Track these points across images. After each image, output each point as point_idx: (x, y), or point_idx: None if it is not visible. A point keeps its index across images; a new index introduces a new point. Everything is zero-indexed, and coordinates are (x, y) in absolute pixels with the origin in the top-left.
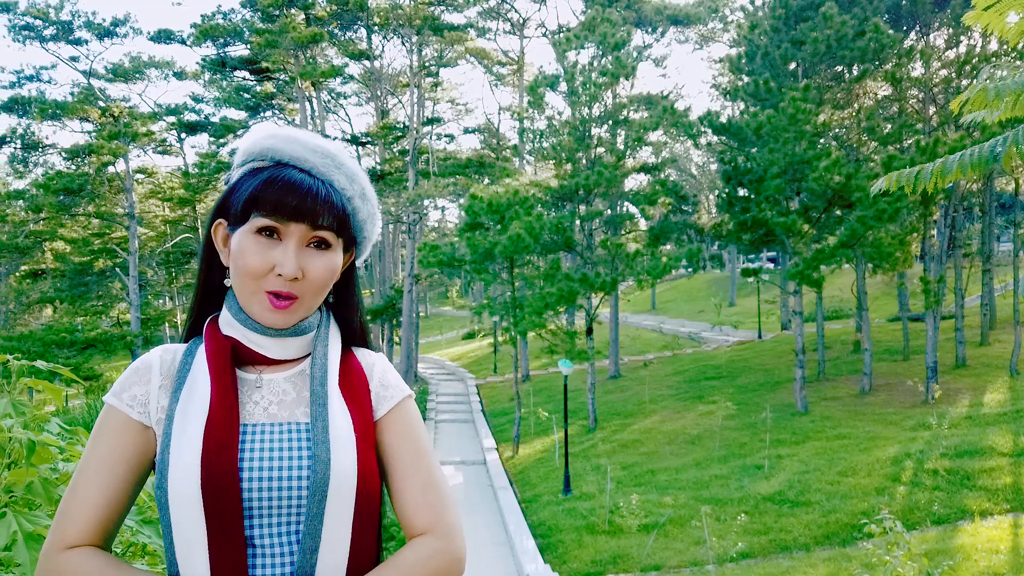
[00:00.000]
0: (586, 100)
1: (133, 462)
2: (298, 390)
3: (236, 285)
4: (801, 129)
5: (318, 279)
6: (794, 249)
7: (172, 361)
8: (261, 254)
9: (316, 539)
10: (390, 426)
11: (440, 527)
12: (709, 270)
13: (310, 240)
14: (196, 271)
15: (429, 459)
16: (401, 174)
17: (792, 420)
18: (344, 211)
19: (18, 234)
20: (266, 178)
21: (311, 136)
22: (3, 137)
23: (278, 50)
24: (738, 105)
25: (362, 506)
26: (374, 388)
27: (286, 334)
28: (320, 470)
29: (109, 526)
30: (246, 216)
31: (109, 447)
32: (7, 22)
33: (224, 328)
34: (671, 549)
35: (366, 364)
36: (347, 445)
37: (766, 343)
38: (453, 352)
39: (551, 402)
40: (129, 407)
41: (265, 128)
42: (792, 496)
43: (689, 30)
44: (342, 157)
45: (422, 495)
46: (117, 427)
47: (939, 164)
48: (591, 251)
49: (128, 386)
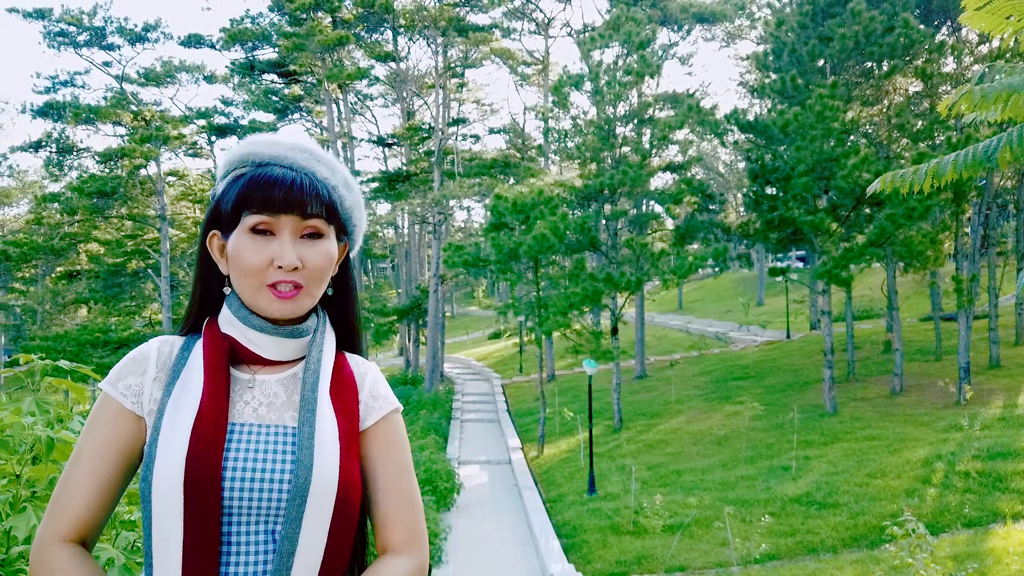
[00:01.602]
0: (611, 99)
1: (125, 451)
2: (289, 393)
3: (238, 286)
4: (829, 126)
5: (318, 267)
6: (822, 248)
7: (169, 354)
8: (258, 251)
9: (293, 543)
10: (375, 438)
11: (414, 545)
12: (736, 269)
13: (303, 231)
14: (192, 283)
15: (409, 475)
16: (427, 175)
17: (821, 421)
18: (331, 199)
19: (54, 236)
20: (250, 177)
21: (288, 136)
22: (39, 141)
23: (305, 53)
24: (765, 103)
25: (340, 513)
26: (363, 398)
27: (284, 334)
28: (302, 475)
29: (101, 515)
30: (237, 218)
31: (103, 436)
32: (42, 28)
33: (223, 326)
34: (696, 550)
35: (358, 373)
36: (331, 452)
37: (794, 343)
38: (479, 352)
39: (576, 402)
40: (123, 396)
41: (245, 140)
42: (820, 498)
43: (715, 28)
44: (320, 151)
45: (400, 510)
46: (111, 416)
47: (933, 164)
48: (616, 251)
49: (124, 375)
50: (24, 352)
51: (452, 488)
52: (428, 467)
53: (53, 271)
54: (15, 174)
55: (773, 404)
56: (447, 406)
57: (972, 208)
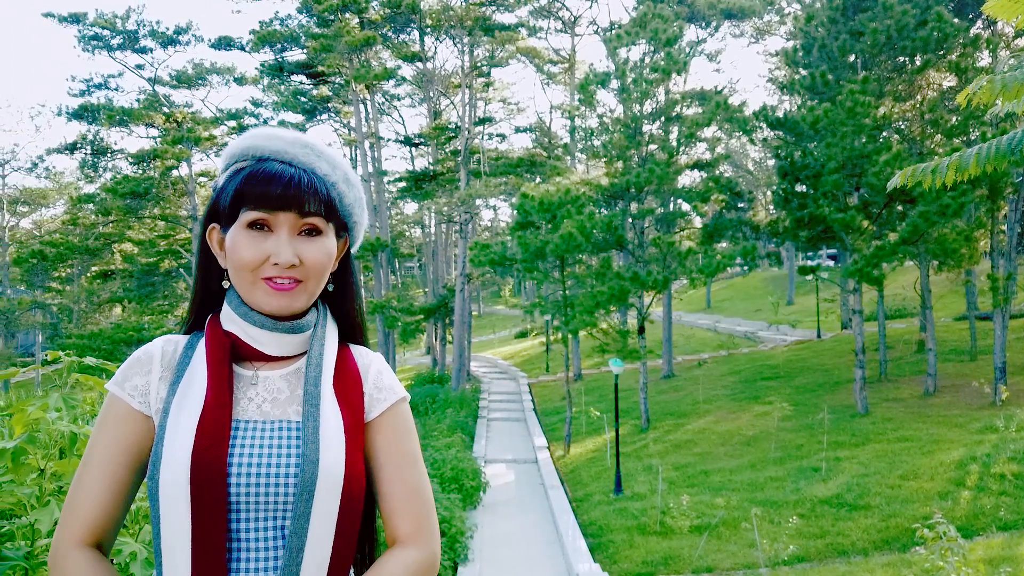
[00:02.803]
0: (638, 97)
1: (134, 451)
2: (292, 388)
3: (235, 281)
4: (860, 122)
5: (316, 264)
6: (853, 246)
7: (173, 352)
8: (254, 246)
9: (303, 538)
10: (381, 429)
11: (422, 536)
12: (766, 268)
13: (301, 228)
14: (194, 276)
15: (416, 466)
16: (453, 174)
17: (852, 422)
18: (329, 196)
19: (89, 236)
20: (248, 173)
21: (289, 131)
22: (74, 143)
23: (333, 54)
24: (794, 99)
25: (347, 506)
26: (368, 390)
27: (283, 330)
28: (308, 469)
29: (115, 516)
30: (235, 213)
31: (112, 437)
32: (77, 32)
33: (225, 323)
34: (724, 551)
35: (362, 365)
36: (336, 446)
37: (825, 342)
38: (506, 351)
39: (603, 401)
40: (131, 396)
41: (246, 133)
42: (850, 499)
43: (744, 24)
44: (321, 146)
45: (407, 502)
46: (119, 417)
47: (955, 158)
48: (643, 249)
49: (130, 375)
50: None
51: (478, 486)
52: (454, 465)
53: (88, 271)
54: (51, 176)
55: (803, 404)
56: (473, 405)
57: (1008, 205)
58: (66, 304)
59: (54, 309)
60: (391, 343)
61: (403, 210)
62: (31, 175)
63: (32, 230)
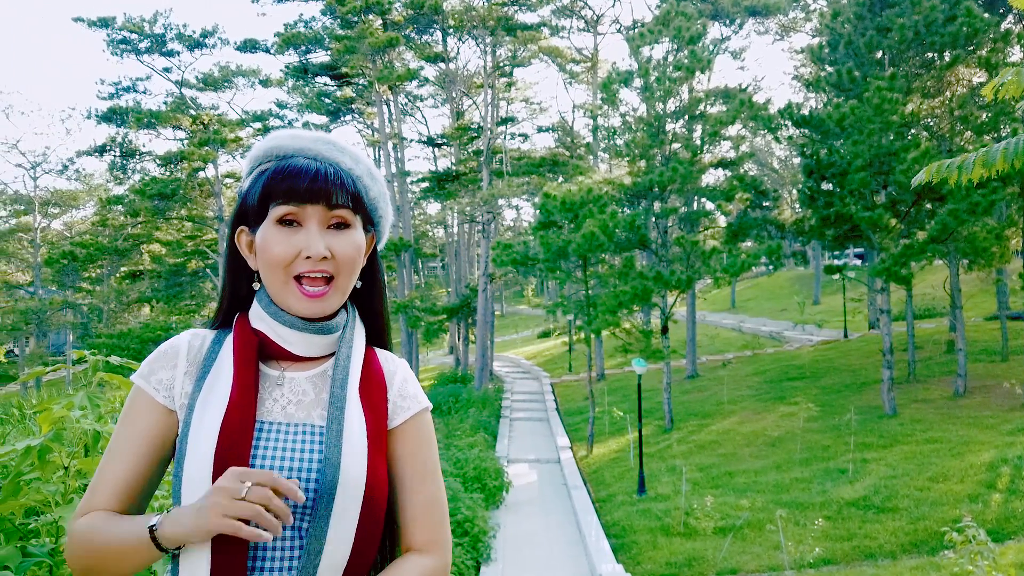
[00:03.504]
0: (661, 95)
1: (157, 444)
2: (317, 391)
3: (267, 280)
4: (887, 120)
5: (347, 256)
6: (881, 245)
7: (200, 347)
8: (285, 242)
9: (321, 541)
10: (403, 437)
11: (436, 545)
12: (791, 267)
13: (330, 221)
14: (222, 279)
15: (435, 477)
16: (475, 174)
17: (879, 423)
18: (356, 189)
19: (118, 237)
20: (274, 170)
21: (310, 131)
22: (103, 146)
23: (356, 55)
24: (820, 96)
25: (367, 512)
26: (392, 397)
27: (313, 331)
28: (330, 473)
29: (133, 499)
30: (264, 211)
31: (136, 428)
32: (106, 37)
33: (254, 322)
34: (748, 553)
35: (388, 371)
36: (359, 451)
37: (852, 342)
38: (528, 351)
39: (626, 401)
40: (156, 390)
41: (268, 136)
42: (878, 502)
43: (769, 20)
44: (343, 142)
45: (424, 512)
46: (144, 409)
47: (983, 153)
48: (666, 249)
49: (156, 369)
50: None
51: (501, 486)
52: (477, 465)
53: (117, 271)
54: (82, 178)
55: (829, 405)
56: (496, 404)
57: None
58: (96, 304)
59: (84, 309)
60: (414, 343)
61: (426, 210)
62: (62, 177)
63: (63, 231)
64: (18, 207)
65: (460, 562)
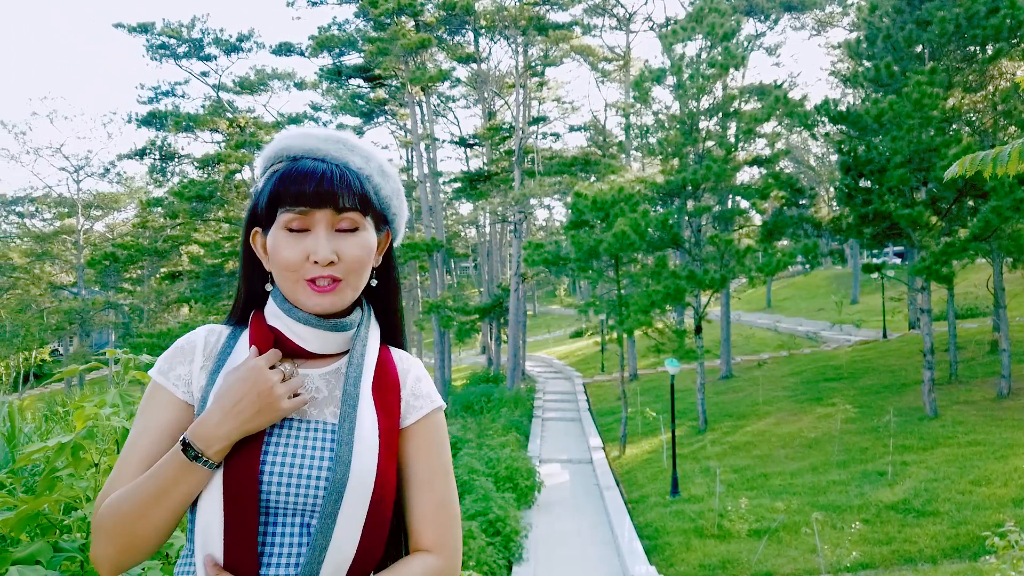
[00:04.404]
0: (694, 93)
1: (176, 436)
2: (331, 388)
3: (279, 282)
4: (927, 115)
5: (355, 259)
6: (921, 243)
7: (216, 343)
8: (294, 246)
9: (327, 538)
10: (414, 437)
11: (444, 547)
12: (828, 266)
13: (338, 224)
14: (238, 279)
15: (445, 478)
16: (507, 174)
17: (920, 425)
18: (363, 189)
19: (158, 239)
20: (282, 173)
21: (322, 128)
22: (144, 149)
23: (389, 57)
24: (858, 92)
25: (375, 511)
26: (405, 396)
27: (327, 328)
28: (340, 471)
29: None
30: (273, 215)
31: (155, 422)
32: (145, 42)
33: (269, 319)
34: (783, 556)
35: (402, 370)
36: (370, 449)
37: (891, 343)
38: (560, 350)
39: (659, 402)
40: (175, 386)
41: (280, 134)
42: (918, 505)
43: (805, 16)
44: (354, 140)
45: (433, 512)
46: (163, 404)
47: (1019, 144)
48: (699, 248)
49: (174, 364)
50: (131, 348)
51: (533, 486)
52: (509, 464)
53: (157, 272)
54: (123, 180)
55: (868, 406)
56: (528, 404)
57: None
58: (137, 304)
59: (126, 309)
60: (446, 342)
61: (458, 210)
62: (104, 180)
63: (105, 233)
64: (62, 210)
65: (492, 561)
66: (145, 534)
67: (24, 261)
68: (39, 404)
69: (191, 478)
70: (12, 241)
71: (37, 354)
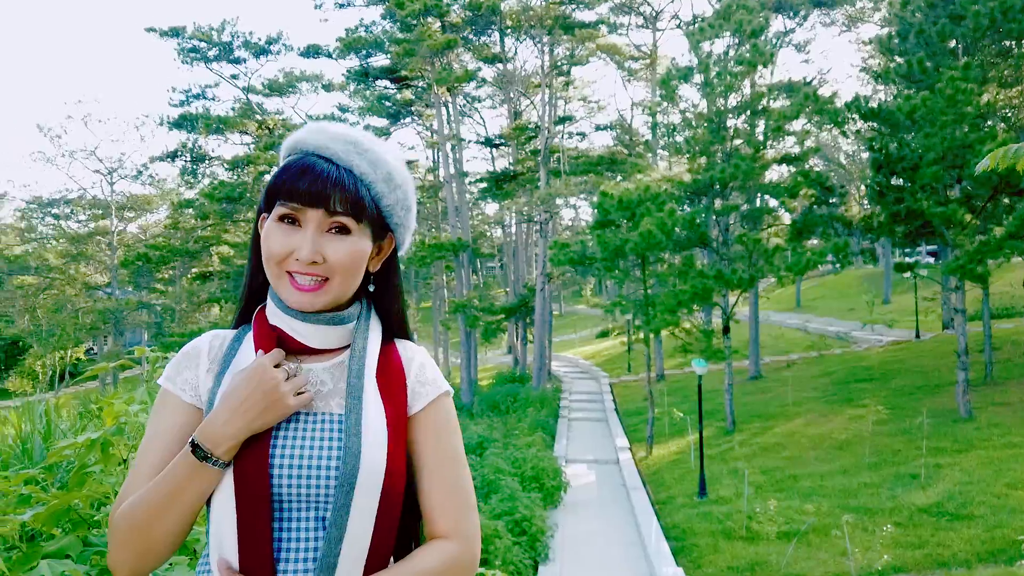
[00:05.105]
0: (722, 91)
1: (186, 440)
2: (335, 381)
3: (266, 271)
4: (961, 111)
5: (339, 263)
6: (955, 241)
7: (220, 346)
8: (282, 240)
9: (341, 530)
10: (423, 424)
11: (460, 533)
12: (860, 265)
13: (330, 226)
14: (247, 267)
15: (457, 461)
16: (533, 174)
17: (953, 427)
18: (358, 195)
19: (189, 239)
20: (284, 167)
21: (338, 126)
22: (175, 151)
23: (415, 58)
24: (889, 89)
25: (386, 501)
26: (410, 383)
27: (324, 322)
28: (350, 462)
29: None
30: (271, 205)
31: (165, 428)
32: (176, 46)
33: (270, 317)
34: (813, 559)
35: (405, 358)
36: (378, 439)
37: (925, 343)
38: (587, 350)
39: (686, 402)
40: (182, 391)
41: (303, 127)
42: (952, 508)
43: (835, 11)
44: (367, 143)
45: (446, 498)
46: (172, 410)
47: None
48: (727, 247)
49: (180, 370)
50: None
51: (559, 486)
52: (535, 464)
53: (188, 272)
54: (155, 182)
55: (900, 408)
56: (554, 404)
57: None
58: (169, 304)
59: (158, 309)
60: (472, 342)
61: (484, 210)
62: (136, 182)
63: (138, 234)
64: (96, 211)
65: (518, 561)
66: (160, 538)
67: (60, 262)
68: (75, 402)
69: (202, 479)
70: (48, 242)
71: (73, 353)
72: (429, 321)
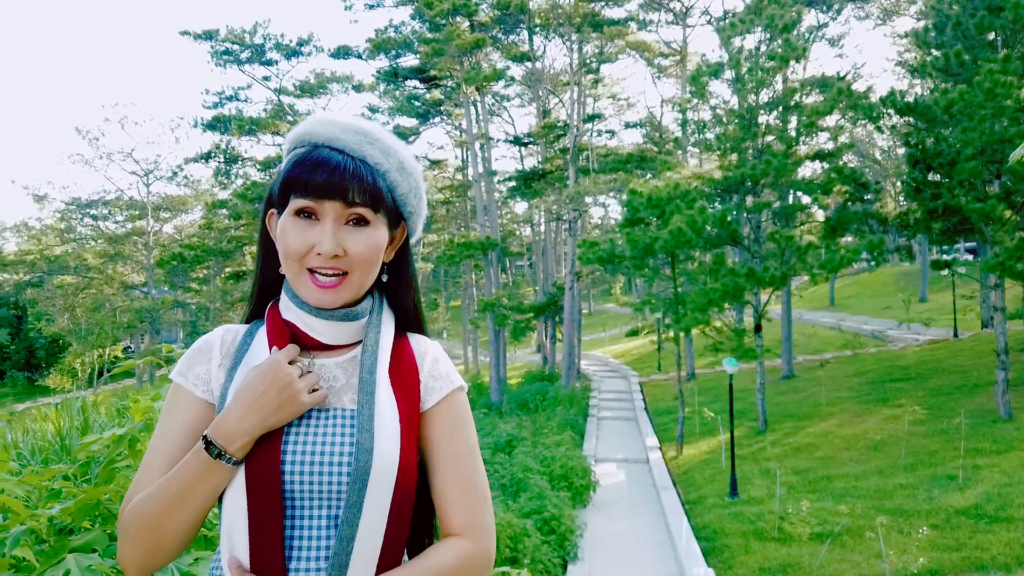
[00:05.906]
0: (753, 87)
1: (198, 436)
2: (348, 376)
3: (284, 269)
4: (1001, 104)
5: (360, 255)
6: (994, 238)
7: (232, 341)
8: (300, 235)
9: (354, 527)
10: (436, 419)
11: (475, 530)
12: (895, 263)
13: (348, 218)
14: (255, 262)
15: (471, 458)
16: (562, 172)
17: (993, 427)
18: (376, 186)
19: (222, 239)
20: (297, 160)
21: (347, 117)
22: (209, 153)
23: (444, 58)
24: (926, 83)
25: (399, 497)
26: (423, 378)
27: (338, 318)
28: (362, 458)
29: None
30: (285, 200)
31: (176, 423)
32: (210, 48)
33: (283, 312)
34: (847, 561)
35: (418, 353)
36: (391, 435)
37: (963, 342)
38: (616, 349)
39: (717, 402)
40: (195, 386)
41: (308, 119)
42: (991, 510)
43: (869, 5)
44: (377, 133)
45: (461, 495)
46: (184, 405)
47: None
48: (759, 244)
49: (192, 365)
50: None
51: (588, 485)
52: (564, 463)
53: (222, 271)
54: (189, 183)
55: (937, 408)
56: (584, 403)
57: None
58: (203, 303)
59: (193, 307)
60: (501, 341)
61: (513, 209)
62: (172, 183)
63: (173, 234)
64: (133, 212)
65: (547, 560)
66: (170, 535)
67: (98, 262)
68: (112, 399)
69: (214, 476)
70: (87, 243)
71: (111, 351)
72: (458, 320)
